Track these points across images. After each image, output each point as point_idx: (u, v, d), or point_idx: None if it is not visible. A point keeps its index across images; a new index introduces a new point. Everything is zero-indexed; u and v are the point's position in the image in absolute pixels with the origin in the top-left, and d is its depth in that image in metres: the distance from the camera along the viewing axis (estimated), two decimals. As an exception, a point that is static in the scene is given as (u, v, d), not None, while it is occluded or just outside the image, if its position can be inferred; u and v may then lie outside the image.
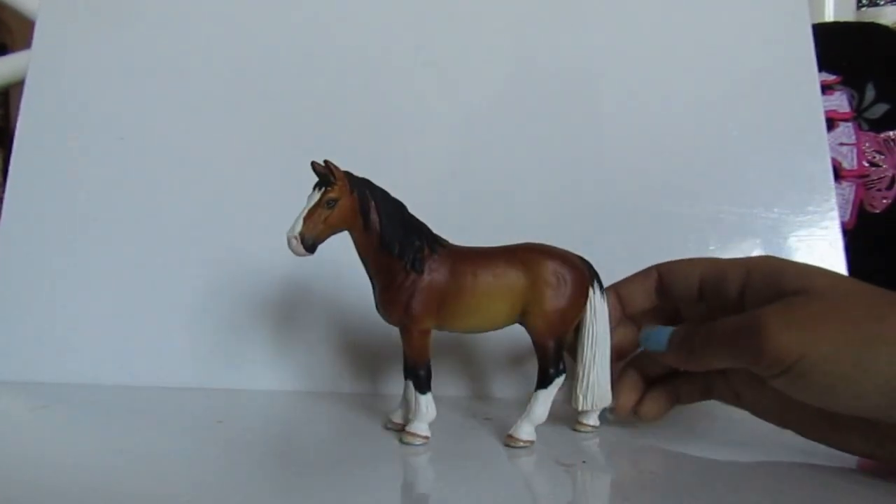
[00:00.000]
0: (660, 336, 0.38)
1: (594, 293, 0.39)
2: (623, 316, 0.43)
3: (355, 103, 0.56)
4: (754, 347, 0.31)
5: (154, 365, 0.51)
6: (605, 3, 0.58)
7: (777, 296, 0.33)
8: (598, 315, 0.40)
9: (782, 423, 0.38)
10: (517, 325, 0.40)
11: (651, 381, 0.42)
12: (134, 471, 0.34)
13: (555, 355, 0.38)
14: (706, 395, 0.41)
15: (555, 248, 0.40)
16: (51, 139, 0.57)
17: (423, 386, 0.38)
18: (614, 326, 0.41)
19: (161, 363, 0.51)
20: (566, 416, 0.43)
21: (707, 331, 0.35)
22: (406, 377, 0.40)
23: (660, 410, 0.41)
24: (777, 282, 0.34)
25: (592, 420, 0.42)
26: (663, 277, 0.41)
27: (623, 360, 0.43)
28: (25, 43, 0.63)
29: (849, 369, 0.29)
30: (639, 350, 0.42)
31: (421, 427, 0.38)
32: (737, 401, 0.40)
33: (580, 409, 0.40)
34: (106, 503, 0.30)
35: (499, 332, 0.40)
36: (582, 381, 0.40)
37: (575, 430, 0.42)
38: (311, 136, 0.55)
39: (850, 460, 0.36)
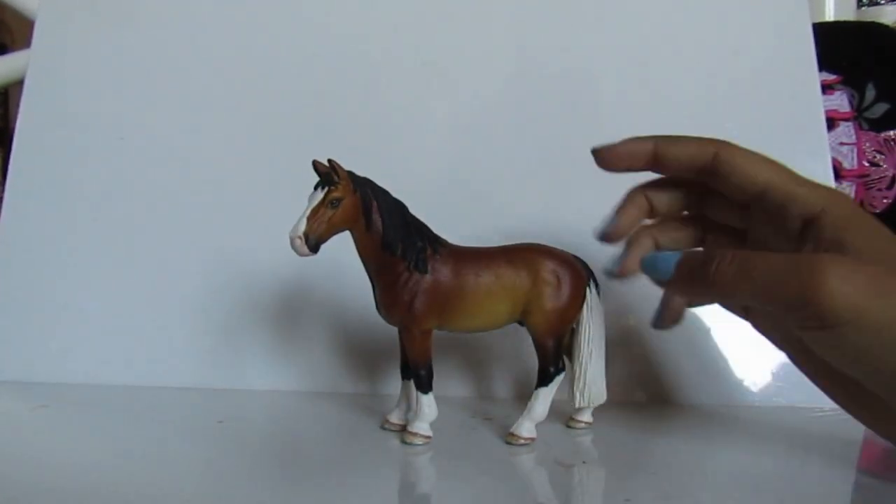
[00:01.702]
0: (667, 260, 0.32)
1: (590, 292, 0.40)
2: (651, 165, 0.35)
3: (355, 103, 0.56)
4: (807, 291, 0.27)
5: (154, 365, 0.51)
6: (605, 3, 0.58)
7: (840, 247, 0.30)
8: (594, 314, 0.40)
9: (799, 361, 0.34)
10: (517, 325, 0.40)
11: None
12: (134, 471, 0.34)
13: (554, 354, 0.39)
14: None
15: (552, 248, 0.40)
16: (50, 139, 0.57)
17: (425, 386, 0.38)
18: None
19: (161, 363, 0.51)
20: (567, 415, 0.43)
21: (742, 259, 0.29)
22: (405, 377, 0.40)
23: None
24: (846, 234, 0.30)
25: (587, 417, 0.42)
26: (721, 165, 0.34)
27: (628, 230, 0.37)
28: (25, 42, 0.63)
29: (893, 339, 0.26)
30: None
31: (423, 427, 0.38)
32: (746, 316, 0.36)
33: (577, 405, 0.41)
34: (106, 503, 0.30)
35: (499, 331, 0.40)
36: (579, 380, 0.40)
37: (569, 426, 0.42)
38: (312, 136, 0.55)
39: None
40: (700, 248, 0.34)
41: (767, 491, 0.33)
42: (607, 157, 0.35)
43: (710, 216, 0.37)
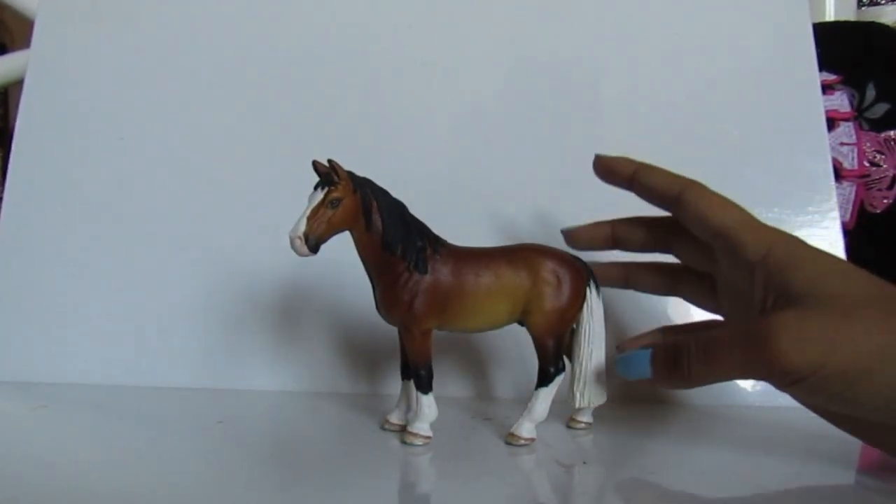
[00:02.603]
0: (640, 360, 0.35)
1: (590, 292, 0.40)
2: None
3: (355, 103, 0.56)
4: (766, 361, 0.30)
5: (154, 365, 0.51)
6: (606, 3, 0.58)
7: (785, 292, 0.32)
8: (594, 314, 0.40)
9: None
10: (517, 325, 0.40)
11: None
12: (134, 471, 0.34)
13: (555, 354, 0.39)
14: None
15: (552, 248, 0.40)
16: (50, 139, 0.57)
17: (425, 386, 0.38)
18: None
19: (161, 363, 0.51)
20: (567, 415, 0.43)
21: (705, 346, 0.32)
22: (404, 377, 0.40)
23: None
24: (791, 277, 0.32)
25: (587, 417, 0.42)
26: (682, 202, 0.37)
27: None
28: (25, 42, 0.63)
29: (864, 379, 0.28)
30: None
31: (422, 427, 0.38)
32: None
33: (577, 406, 0.41)
34: (106, 503, 0.30)
35: (499, 331, 0.40)
36: (579, 380, 0.40)
37: (569, 426, 0.42)
38: (311, 136, 0.55)
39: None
40: (663, 343, 0.36)
41: (767, 491, 0.33)
42: (601, 169, 0.41)
43: (679, 258, 0.41)
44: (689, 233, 0.38)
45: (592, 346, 0.40)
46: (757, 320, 0.32)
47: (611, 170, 0.41)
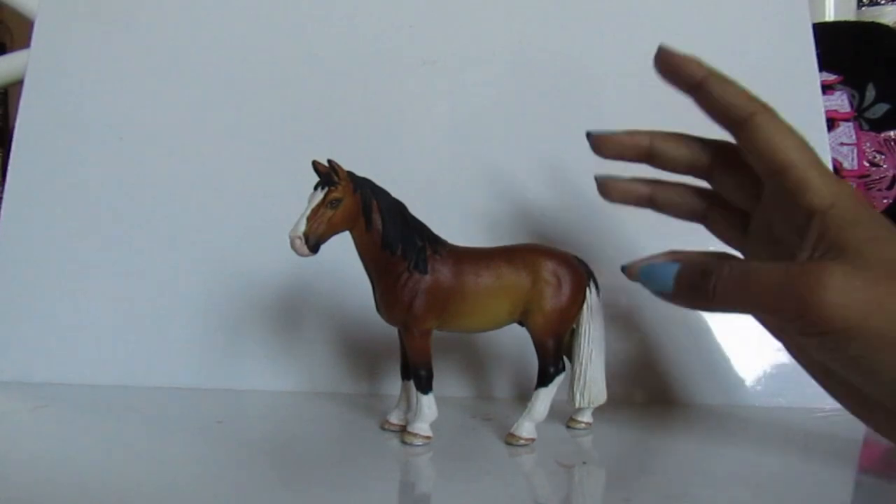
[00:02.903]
0: (665, 272, 0.32)
1: (590, 292, 0.40)
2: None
3: (355, 102, 0.56)
4: (804, 304, 0.27)
5: (154, 365, 0.51)
6: (606, 3, 0.58)
7: (838, 247, 0.30)
8: (594, 314, 0.40)
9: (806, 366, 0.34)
10: (517, 325, 0.40)
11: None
12: (134, 470, 0.34)
13: (554, 354, 0.39)
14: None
15: (552, 248, 0.40)
16: (50, 139, 0.57)
17: (425, 386, 0.38)
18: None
19: (161, 363, 0.51)
20: (567, 415, 0.43)
21: (741, 272, 0.30)
22: (404, 378, 0.40)
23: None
24: (849, 234, 0.30)
25: (587, 417, 0.42)
26: (753, 127, 0.34)
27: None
28: (25, 42, 0.63)
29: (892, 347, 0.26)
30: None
31: (423, 427, 0.38)
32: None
33: (577, 406, 0.41)
34: (106, 503, 0.30)
35: (500, 332, 0.40)
36: (579, 380, 0.40)
37: (569, 427, 0.42)
38: (311, 135, 0.55)
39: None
40: (698, 256, 0.33)
41: (767, 491, 0.33)
42: (664, 66, 0.35)
43: (720, 188, 0.36)
44: (737, 162, 0.35)
45: (592, 346, 0.40)
46: (804, 262, 0.29)
47: (676, 69, 0.35)
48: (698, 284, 0.31)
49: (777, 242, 0.33)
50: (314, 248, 0.34)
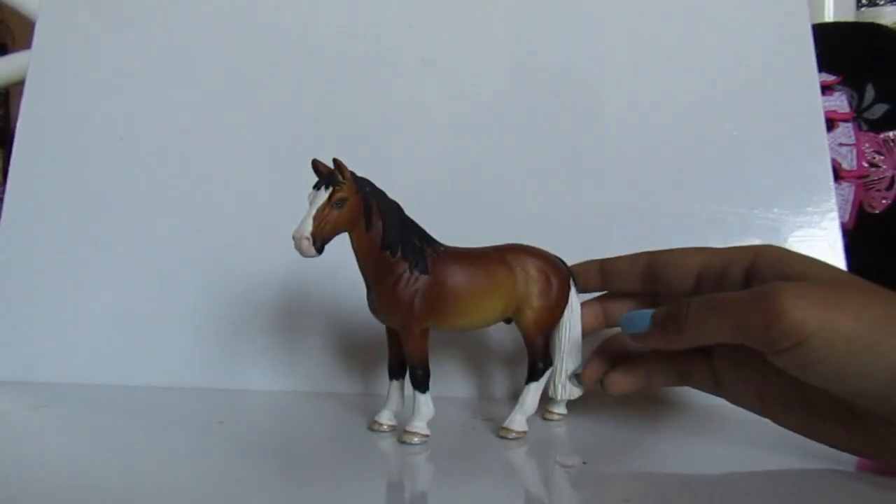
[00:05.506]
0: (642, 317, 0.36)
1: (572, 291, 0.41)
2: (601, 284, 0.43)
3: (354, 103, 0.56)
4: (768, 318, 0.30)
5: (154, 365, 0.51)
6: (606, 3, 0.58)
7: (787, 277, 0.33)
8: (574, 312, 0.42)
9: (763, 409, 0.37)
10: (516, 327, 0.40)
11: (624, 359, 0.41)
12: (134, 471, 0.34)
13: (543, 350, 0.40)
14: (683, 379, 0.40)
15: (537, 248, 0.41)
16: (51, 139, 0.57)
17: (422, 385, 0.38)
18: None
19: (161, 363, 0.51)
20: (567, 416, 0.43)
21: (706, 301, 0.33)
22: (392, 378, 0.40)
23: (627, 385, 0.39)
24: (784, 268, 0.34)
25: (562, 409, 0.43)
26: (656, 266, 0.40)
27: (586, 335, 0.43)
28: (25, 43, 0.63)
29: (863, 349, 0.28)
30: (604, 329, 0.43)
31: (420, 426, 0.38)
32: (716, 387, 0.38)
33: (558, 398, 0.42)
34: (106, 503, 0.30)
35: (499, 332, 0.41)
36: (560, 373, 0.41)
37: (545, 418, 0.43)
38: (311, 135, 0.55)
39: (848, 461, 0.36)
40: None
41: (767, 491, 0.33)
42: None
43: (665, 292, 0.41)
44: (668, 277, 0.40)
45: (572, 343, 0.42)
46: (764, 286, 0.31)
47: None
48: (674, 315, 0.34)
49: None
50: (320, 248, 0.34)
